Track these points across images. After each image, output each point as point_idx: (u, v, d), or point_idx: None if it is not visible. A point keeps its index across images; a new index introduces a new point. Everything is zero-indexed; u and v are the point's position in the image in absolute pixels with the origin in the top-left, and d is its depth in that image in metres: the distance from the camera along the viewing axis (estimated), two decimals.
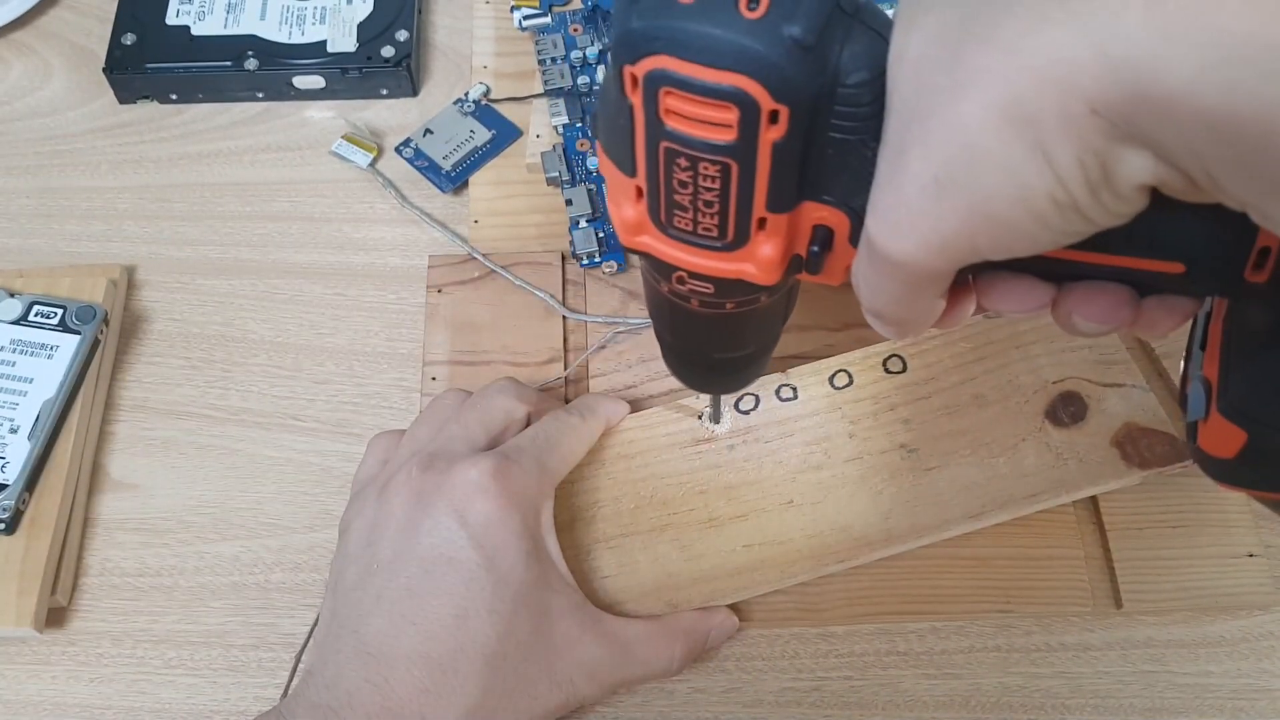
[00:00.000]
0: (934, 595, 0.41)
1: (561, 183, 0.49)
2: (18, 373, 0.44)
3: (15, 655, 0.41)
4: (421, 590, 0.34)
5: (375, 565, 0.36)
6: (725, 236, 0.26)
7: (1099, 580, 0.41)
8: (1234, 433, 0.25)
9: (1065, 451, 0.41)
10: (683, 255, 0.27)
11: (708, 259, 0.27)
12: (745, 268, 0.27)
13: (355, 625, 0.35)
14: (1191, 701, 0.40)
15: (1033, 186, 0.20)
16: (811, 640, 0.41)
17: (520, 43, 0.54)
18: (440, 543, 0.35)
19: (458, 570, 0.35)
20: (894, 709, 0.40)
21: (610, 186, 0.27)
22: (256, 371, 0.47)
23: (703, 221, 0.26)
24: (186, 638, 0.42)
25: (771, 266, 0.26)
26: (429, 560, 0.35)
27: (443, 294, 0.47)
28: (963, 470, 0.41)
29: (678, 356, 0.36)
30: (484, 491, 0.36)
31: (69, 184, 0.52)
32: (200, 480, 0.45)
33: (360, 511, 0.38)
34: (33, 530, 0.41)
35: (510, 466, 0.37)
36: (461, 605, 0.34)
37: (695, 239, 0.26)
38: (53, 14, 0.58)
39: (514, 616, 0.35)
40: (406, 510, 0.36)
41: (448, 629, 0.34)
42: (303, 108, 0.54)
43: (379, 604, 0.34)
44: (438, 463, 0.37)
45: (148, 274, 0.50)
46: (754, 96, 0.22)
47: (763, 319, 0.32)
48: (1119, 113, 0.19)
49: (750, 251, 0.26)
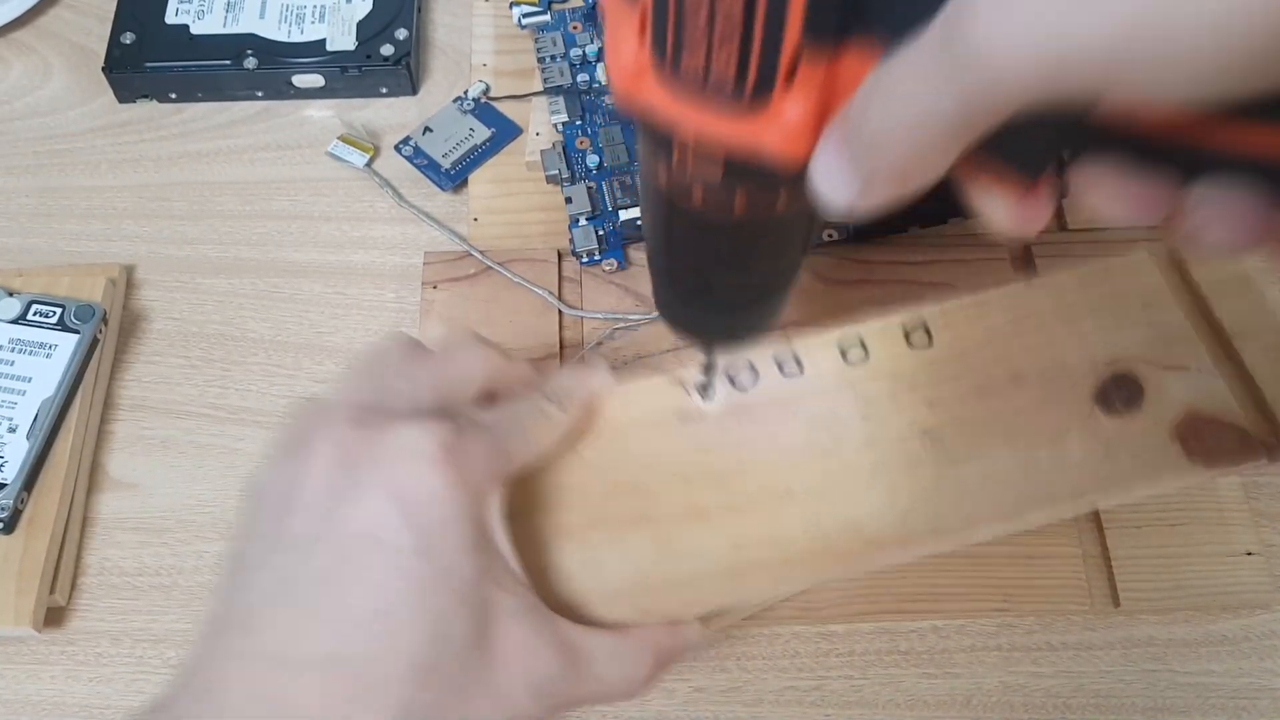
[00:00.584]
0: (932, 594, 0.41)
1: (561, 180, 0.49)
2: (16, 372, 0.44)
3: (14, 655, 0.41)
4: (338, 578, 0.28)
5: (282, 542, 0.28)
6: (744, 82, 0.20)
7: (1097, 579, 0.41)
8: None
9: (1117, 442, 0.35)
10: (689, 114, 0.22)
11: (719, 121, 0.21)
12: (765, 137, 0.21)
13: (250, 618, 0.28)
14: (1193, 701, 0.40)
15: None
16: (812, 639, 0.41)
17: (520, 40, 0.54)
18: (365, 519, 0.28)
19: (385, 555, 0.28)
20: (895, 708, 0.40)
21: (610, 24, 0.22)
22: (256, 370, 0.47)
23: (718, 57, 0.20)
24: (185, 637, 0.42)
25: (798, 135, 0.21)
26: (349, 541, 0.28)
27: (438, 290, 0.47)
28: (996, 463, 0.35)
29: (672, 284, 0.30)
30: (428, 460, 0.28)
31: (68, 183, 0.52)
32: (199, 479, 0.45)
33: (269, 472, 0.30)
34: (31, 530, 0.41)
35: (464, 439, 0.29)
36: (386, 599, 0.27)
37: (707, 88, 0.21)
38: (52, 13, 0.58)
39: (450, 617, 0.28)
40: (328, 475, 0.29)
41: (367, 628, 0.27)
42: (302, 106, 0.54)
43: (283, 592, 0.28)
44: (371, 419, 0.29)
45: (147, 273, 0.50)
46: None
47: (777, 233, 0.26)
48: None
49: (773, 112, 0.21)
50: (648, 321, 0.46)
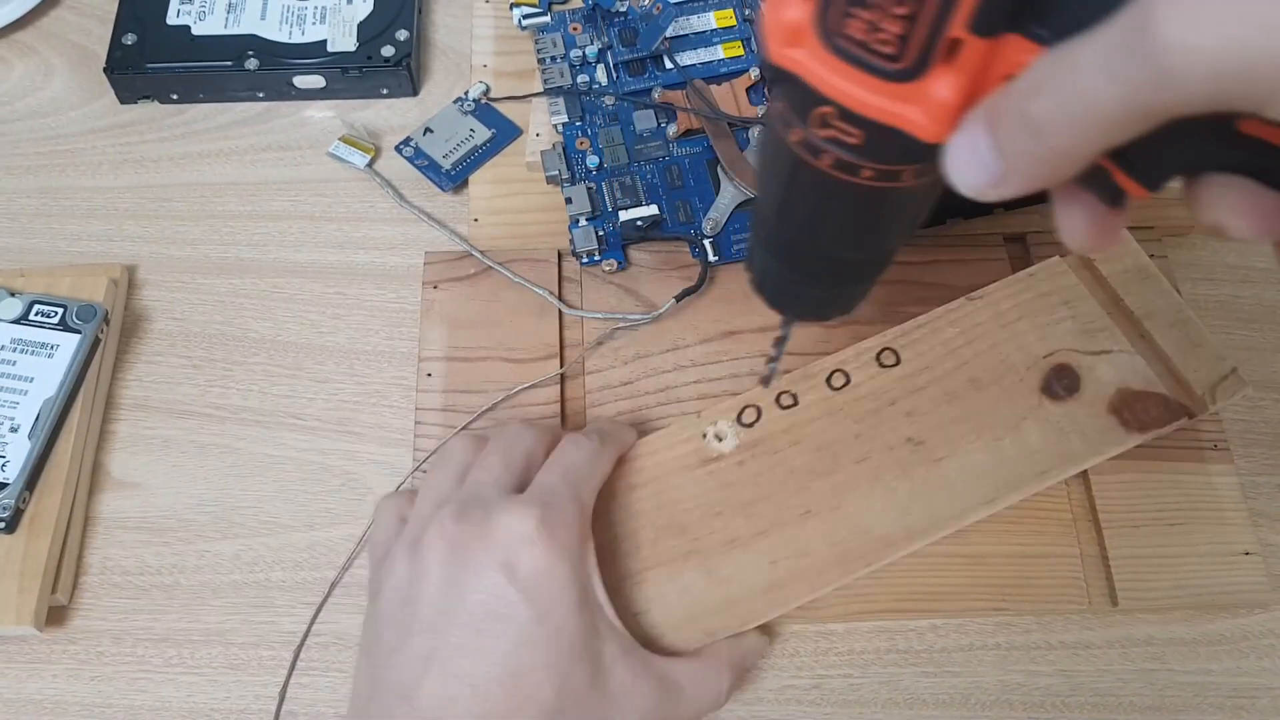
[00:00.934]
0: (930, 593, 0.41)
1: (561, 181, 0.49)
2: (18, 372, 0.44)
3: (15, 654, 0.42)
4: (473, 650, 0.33)
5: (416, 625, 0.33)
6: (903, 58, 0.21)
7: (1095, 578, 0.41)
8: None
9: (1066, 425, 0.41)
10: (839, 81, 0.22)
11: (869, 91, 0.22)
12: (911, 111, 0.22)
13: (403, 690, 0.33)
14: (1191, 699, 0.40)
15: None
16: (811, 638, 0.41)
17: (520, 42, 0.54)
18: (488, 599, 0.33)
19: (509, 627, 0.33)
20: (893, 706, 0.40)
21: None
22: (257, 370, 0.47)
23: (883, 29, 0.21)
24: (187, 636, 0.42)
25: (945, 114, 0.22)
26: (478, 618, 0.33)
27: (439, 290, 0.47)
28: (971, 456, 0.41)
29: (777, 249, 0.30)
30: (530, 542, 0.34)
31: (70, 183, 0.52)
32: (201, 479, 0.45)
33: (391, 570, 0.35)
34: (33, 529, 0.41)
35: (553, 512, 0.35)
36: (516, 663, 0.33)
37: (864, 57, 0.22)
38: (54, 14, 0.58)
39: (570, 670, 0.33)
40: (445, 565, 0.34)
41: (504, 688, 0.32)
42: (303, 107, 0.54)
43: (428, 666, 0.33)
44: (473, 512, 0.35)
45: (148, 273, 0.50)
46: None
47: (895, 206, 0.27)
48: None
49: (924, 88, 0.22)
50: (647, 321, 0.46)
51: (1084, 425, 0.41)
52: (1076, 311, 0.44)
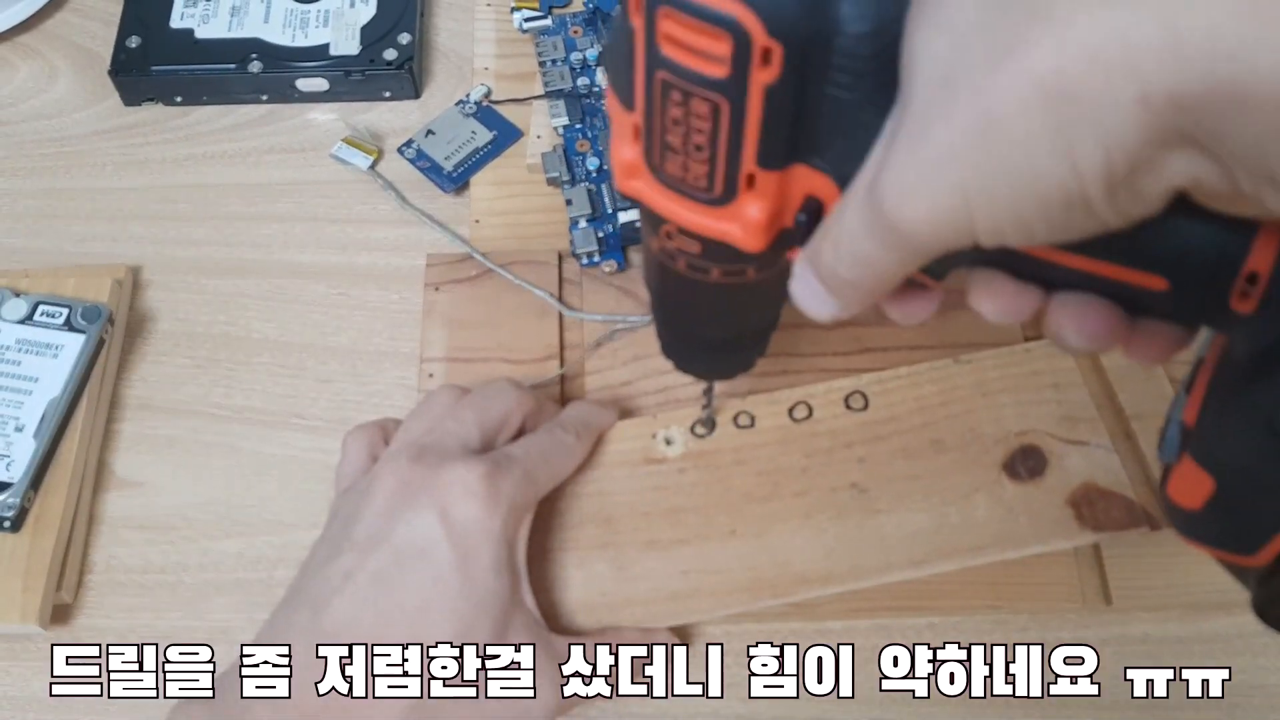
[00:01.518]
0: (925, 591, 0.41)
1: (562, 183, 0.49)
2: (23, 372, 0.44)
3: (20, 652, 0.42)
4: (389, 577, 0.34)
5: (346, 545, 0.35)
6: (713, 189, 0.25)
7: (1089, 577, 0.41)
8: (1203, 479, 0.24)
9: (1018, 506, 0.40)
10: (672, 206, 0.27)
11: (695, 213, 0.26)
12: (731, 229, 0.26)
13: (315, 601, 0.34)
14: (1186, 698, 0.40)
15: (1047, 174, 0.19)
16: (809, 635, 0.41)
17: (521, 45, 0.55)
18: (417, 534, 0.35)
19: (428, 564, 0.34)
20: (892, 704, 0.40)
21: (613, 126, 0.27)
22: (260, 370, 0.48)
23: (692, 168, 0.25)
24: (191, 634, 0.42)
25: (757, 231, 0.26)
26: (402, 549, 0.34)
27: (440, 292, 0.47)
28: (912, 516, 0.40)
29: (669, 330, 0.35)
30: (471, 493, 0.35)
31: (74, 185, 0.53)
32: (204, 478, 0.45)
33: (346, 499, 0.38)
34: (38, 528, 0.42)
35: (501, 473, 0.36)
36: (424, 599, 0.34)
37: (685, 188, 0.26)
38: (58, 17, 0.58)
39: (473, 622, 0.34)
40: (388, 498, 0.36)
41: (407, 619, 0.34)
42: (306, 110, 0.55)
43: (344, 583, 0.34)
44: (428, 456, 0.36)
45: (153, 274, 0.50)
46: (747, 28, 0.21)
47: (750, 296, 0.31)
48: (1181, 106, 0.17)
49: (737, 210, 0.26)
50: (645, 324, 0.46)
51: (1037, 511, 0.40)
52: (1064, 397, 0.42)
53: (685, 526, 0.40)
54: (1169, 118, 0.18)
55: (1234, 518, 0.24)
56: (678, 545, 0.40)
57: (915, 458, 0.41)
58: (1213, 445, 0.24)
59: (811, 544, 0.40)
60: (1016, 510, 0.40)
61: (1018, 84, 0.19)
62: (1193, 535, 0.26)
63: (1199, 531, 0.25)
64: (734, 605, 0.39)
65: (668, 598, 0.39)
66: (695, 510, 0.41)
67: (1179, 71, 0.17)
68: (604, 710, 0.40)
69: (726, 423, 0.42)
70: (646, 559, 0.40)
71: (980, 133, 0.20)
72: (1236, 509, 0.24)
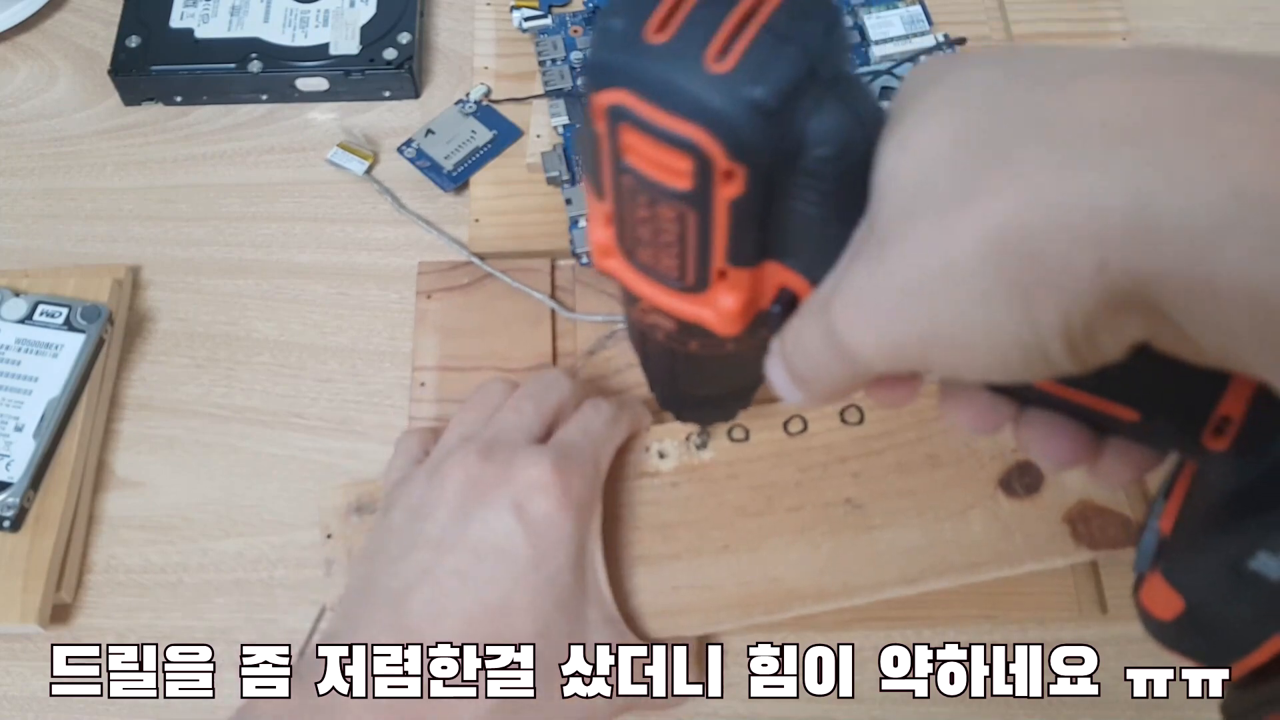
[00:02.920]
0: (921, 601, 0.40)
1: (561, 182, 0.49)
2: (23, 371, 0.44)
3: (20, 651, 0.42)
4: (468, 574, 0.34)
5: (421, 541, 0.35)
6: (685, 280, 0.25)
7: (1085, 586, 0.41)
8: (1173, 598, 0.24)
9: (1014, 523, 0.40)
10: (646, 289, 0.26)
11: (669, 297, 0.26)
12: (705, 314, 0.26)
13: (394, 596, 0.34)
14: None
15: (1003, 327, 0.19)
16: (809, 636, 0.41)
17: (521, 44, 0.55)
18: (494, 532, 0.35)
19: (507, 562, 0.34)
20: (890, 704, 0.40)
21: (588, 206, 0.27)
22: (260, 370, 0.48)
23: (663, 260, 0.25)
24: (190, 634, 0.42)
25: (731, 318, 0.25)
26: (480, 547, 0.34)
27: (432, 300, 0.47)
28: (906, 532, 0.40)
29: (655, 385, 0.36)
30: (544, 489, 0.35)
31: (74, 185, 0.53)
32: (204, 478, 0.45)
33: (408, 491, 0.37)
34: (38, 527, 0.42)
35: (571, 467, 0.36)
36: (505, 597, 0.34)
37: (657, 275, 0.26)
38: (58, 17, 0.58)
39: (553, 619, 0.34)
40: (461, 494, 0.36)
41: (489, 617, 0.34)
42: (306, 109, 0.55)
43: (423, 579, 0.34)
44: (497, 452, 0.36)
45: (152, 274, 0.50)
46: (708, 151, 0.21)
47: (732, 364, 0.31)
48: (1139, 276, 0.17)
49: (711, 299, 0.25)
50: None
51: (1033, 528, 0.39)
52: None
53: (677, 541, 0.40)
54: (1128, 288, 0.17)
55: (1203, 637, 0.24)
56: (669, 560, 0.40)
57: (910, 473, 0.41)
58: (1182, 574, 0.24)
59: (805, 560, 0.39)
60: (1012, 527, 0.40)
61: (978, 233, 0.18)
62: (1164, 642, 0.25)
63: (1170, 640, 0.25)
64: (725, 622, 0.39)
65: (657, 614, 0.39)
66: (687, 524, 0.40)
67: (1146, 249, 0.17)
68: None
69: (720, 436, 0.42)
70: (636, 574, 0.39)
71: (938, 276, 0.19)
72: (1205, 631, 0.24)
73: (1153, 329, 0.19)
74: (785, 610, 0.39)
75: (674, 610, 0.39)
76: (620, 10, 0.22)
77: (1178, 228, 0.16)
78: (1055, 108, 0.18)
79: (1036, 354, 0.19)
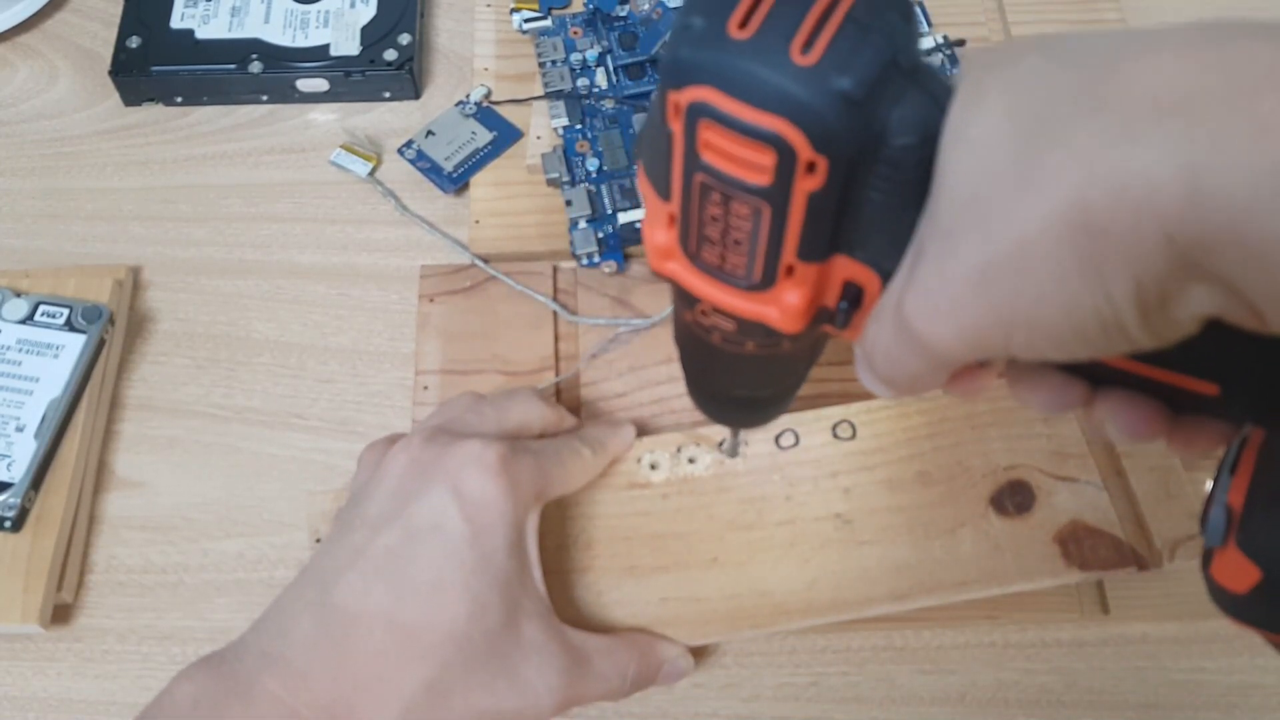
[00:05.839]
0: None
1: (561, 183, 0.49)
2: (24, 372, 0.44)
3: (21, 651, 0.42)
4: (401, 552, 0.34)
5: (357, 523, 0.35)
6: (751, 277, 0.25)
7: (1086, 586, 0.42)
8: (1249, 569, 0.24)
9: (1004, 542, 0.39)
10: (708, 289, 0.26)
11: (732, 296, 0.26)
12: (769, 312, 0.26)
13: (324, 577, 0.34)
14: (1185, 697, 0.40)
15: (1081, 302, 0.19)
16: (808, 636, 0.42)
17: (521, 45, 0.55)
18: (429, 510, 0.34)
19: (442, 539, 0.34)
20: (890, 704, 0.40)
21: (647, 208, 0.27)
22: (261, 371, 0.48)
23: (730, 259, 0.25)
24: (191, 634, 0.42)
25: (796, 315, 0.25)
26: (414, 525, 0.34)
27: (434, 303, 0.47)
28: (895, 549, 0.39)
29: (698, 388, 0.35)
30: (484, 468, 0.35)
31: (75, 185, 0.53)
32: (205, 478, 0.45)
33: (359, 477, 0.38)
34: (39, 528, 0.42)
35: (516, 458, 0.36)
36: (438, 575, 0.33)
37: (722, 274, 0.26)
38: (58, 17, 0.58)
39: (488, 601, 0.34)
40: (401, 476, 0.35)
41: (420, 595, 0.33)
42: (306, 110, 0.55)
43: (355, 560, 0.34)
44: (441, 437, 0.36)
45: (153, 274, 0.50)
46: (793, 144, 0.21)
47: (785, 364, 0.31)
48: (1198, 246, 0.18)
49: (776, 296, 0.25)
50: (646, 327, 0.46)
51: (1023, 547, 0.39)
52: (1055, 431, 0.42)
53: (666, 553, 0.40)
54: (1195, 257, 0.18)
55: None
56: (658, 572, 0.39)
57: (901, 490, 0.41)
58: (1264, 541, 0.24)
59: (793, 574, 0.39)
60: (1003, 546, 0.39)
61: (1047, 213, 0.19)
62: (1238, 616, 0.25)
63: (1245, 614, 0.25)
64: (712, 635, 0.39)
65: (644, 624, 0.39)
66: (677, 536, 0.40)
67: (1202, 221, 0.17)
68: (604, 710, 0.40)
69: (712, 449, 0.42)
70: (625, 585, 0.39)
71: (1013, 259, 0.20)
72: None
73: (1221, 301, 0.19)
74: (773, 624, 0.39)
75: (661, 622, 0.39)
76: (700, 8, 0.22)
77: (1229, 200, 0.17)
78: (1108, 88, 0.19)
79: (1114, 327, 0.20)
